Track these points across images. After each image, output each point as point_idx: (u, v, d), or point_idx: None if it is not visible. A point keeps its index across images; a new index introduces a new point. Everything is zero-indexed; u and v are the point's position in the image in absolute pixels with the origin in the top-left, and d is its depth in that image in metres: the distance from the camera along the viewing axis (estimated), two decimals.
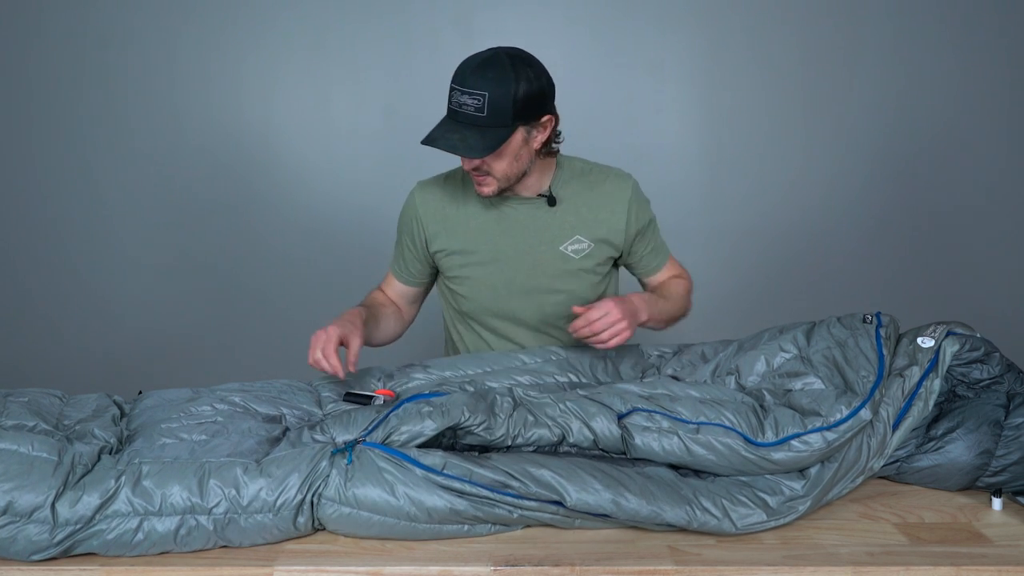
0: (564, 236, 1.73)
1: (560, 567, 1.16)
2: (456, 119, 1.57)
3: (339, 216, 3.04)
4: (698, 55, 2.99)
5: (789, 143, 3.03)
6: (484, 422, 1.31)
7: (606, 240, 1.75)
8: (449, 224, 1.75)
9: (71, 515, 1.15)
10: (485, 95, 1.53)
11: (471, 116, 1.55)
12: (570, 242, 1.73)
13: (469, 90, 1.54)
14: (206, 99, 2.99)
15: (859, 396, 1.31)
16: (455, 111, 1.57)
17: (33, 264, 3.07)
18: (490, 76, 1.54)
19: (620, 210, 1.74)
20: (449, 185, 1.78)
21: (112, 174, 3.02)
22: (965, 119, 3.01)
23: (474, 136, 1.55)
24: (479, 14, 2.92)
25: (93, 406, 1.44)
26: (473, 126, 1.56)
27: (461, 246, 1.74)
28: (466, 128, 1.56)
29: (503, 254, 1.73)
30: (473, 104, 1.54)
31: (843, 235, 3.08)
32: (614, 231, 1.75)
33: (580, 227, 1.74)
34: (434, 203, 1.76)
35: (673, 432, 1.30)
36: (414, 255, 1.80)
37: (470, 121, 1.55)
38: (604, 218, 1.74)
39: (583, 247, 1.74)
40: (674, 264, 1.89)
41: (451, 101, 1.57)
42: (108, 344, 3.09)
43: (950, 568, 1.17)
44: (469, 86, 1.54)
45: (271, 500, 1.19)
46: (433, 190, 1.79)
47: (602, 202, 1.75)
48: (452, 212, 1.75)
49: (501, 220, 1.73)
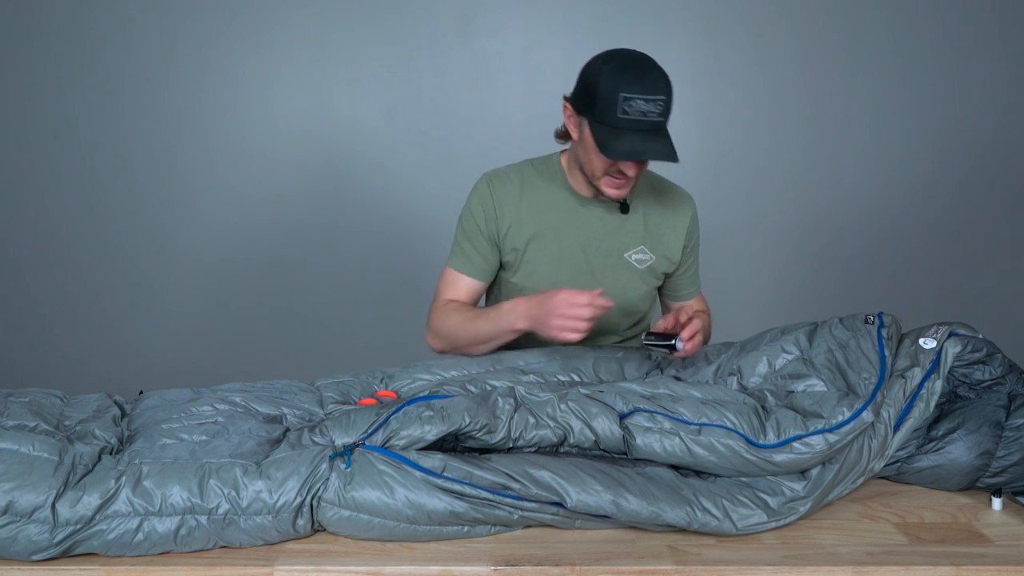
0: (631, 244, 1.74)
1: (560, 567, 1.16)
2: (638, 128, 1.52)
3: (339, 216, 3.04)
4: (698, 55, 2.99)
5: (789, 143, 3.03)
6: (485, 426, 1.31)
7: (666, 255, 1.77)
8: (522, 215, 1.72)
9: (71, 515, 1.15)
10: (664, 99, 1.52)
11: (655, 122, 1.52)
12: (635, 251, 1.74)
13: (652, 96, 1.50)
14: (206, 99, 2.99)
15: (861, 398, 1.31)
16: (635, 120, 1.51)
17: (33, 264, 3.07)
18: (660, 79, 1.53)
19: (682, 227, 1.77)
20: (520, 177, 1.75)
21: (112, 174, 3.02)
22: (965, 118, 3.01)
23: (667, 140, 1.54)
24: (479, 14, 2.92)
25: (94, 406, 1.44)
26: (659, 131, 1.54)
27: (530, 238, 1.71)
28: (656, 135, 1.53)
29: (569, 253, 1.72)
30: (658, 110, 1.51)
31: (845, 235, 3.08)
32: (674, 248, 1.77)
33: (646, 238, 1.75)
34: (507, 193, 1.73)
35: (675, 433, 1.30)
36: (486, 244, 1.73)
37: (655, 127, 1.53)
38: (667, 233, 1.76)
39: (646, 258, 1.75)
40: (702, 299, 1.92)
41: (624, 111, 1.50)
42: (108, 344, 3.09)
43: (950, 568, 1.17)
44: (650, 93, 1.50)
45: (271, 502, 1.19)
46: (505, 181, 1.74)
47: (668, 217, 1.76)
48: (525, 203, 1.72)
49: (574, 220, 1.72)
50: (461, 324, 1.67)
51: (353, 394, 1.54)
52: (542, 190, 1.73)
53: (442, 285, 1.77)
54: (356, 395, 1.54)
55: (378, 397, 1.52)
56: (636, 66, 1.54)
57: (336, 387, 1.56)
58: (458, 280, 1.76)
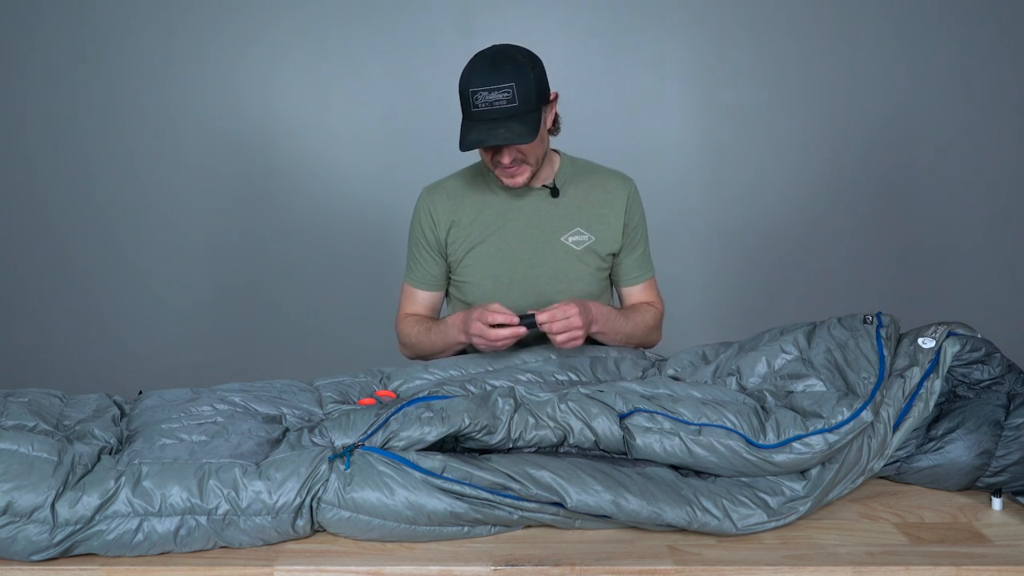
0: (565, 227, 1.78)
1: (560, 567, 1.16)
2: (488, 117, 1.59)
3: (339, 216, 3.04)
4: (698, 54, 2.99)
5: (789, 142, 3.03)
6: (485, 427, 1.31)
7: (605, 235, 1.79)
8: (459, 218, 1.79)
9: (71, 515, 1.15)
10: (512, 86, 1.58)
11: (504, 110, 1.59)
12: (571, 233, 1.78)
13: (496, 86, 1.58)
14: (205, 99, 2.99)
15: (860, 398, 1.31)
16: (485, 111, 1.59)
17: (33, 264, 3.07)
18: (508, 69, 1.59)
19: (620, 205, 1.80)
20: (455, 183, 1.83)
21: (112, 175, 3.02)
22: (965, 118, 3.01)
23: (517, 125, 1.59)
24: (479, 14, 2.92)
25: (93, 406, 1.44)
26: (510, 118, 1.59)
27: (468, 235, 1.78)
28: (505, 121, 1.59)
29: (507, 243, 1.77)
30: (504, 98, 1.58)
31: (844, 234, 3.08)
32: (614, 225, 1.80)
33: (581, 220, 1.78)
34: (443, 201, 1.81)
35: (675, 433, 1.30)
36: (432, 256, 1.82)
37: (504, 115, 1.59)
38: (604, 214, 1.79)
39: (583, 239, 1.78)
40: (652, 289, 1.89)
41: (474, 104, 1.59)
42: (108, 344, 3.09)
43: (950, 568, 1.17)
44: (494, 83, 1.58)
45: (270, 503, 1.19)
46: (440, 190, 1.83)
47: (603, 198, 1.80)
48: (461, 207, 1.79)
49: (507, 210, 1.78)
50: (419, 337, 1.78)
51: (352, 394, 1.55)
52: (476, 192, 1.80)
53: (402, 300, 1.88)
54: (355, 395, 1.55)
55: (377, 397, 1.52)
56: (484, 61, 1.61)
57: (335, 387, 1.56)
58: (414, 294, 1.86)
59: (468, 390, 1.50)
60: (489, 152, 1.68)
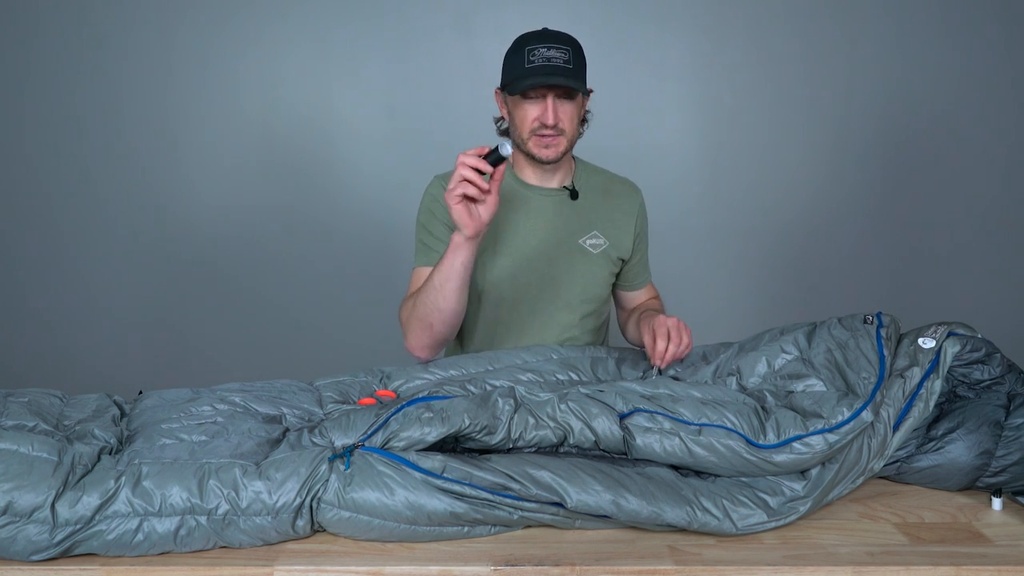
0: (583, 230, 1.78)
1: (560, 567, 1.16)
2: (544, 72, 1.61)
3: (340, 216, 3.04)
4: (698, 55, 2.99)
5: (789, 142, 3.03)
6: (485, 427, 1.31)
7: (619, 242, 1.81)
8: None
9: (71, 515, 1.14)
10: (569, 49, 1.64)
11: (560, 67, 1.61)
12: (589, 236, 1.79)
13: (554, 45, 1.62)
14: (205, 99, 3.00)
15: (860, 398, 1.31)
16: (541, 65, 1.61)
17: (33, 264, 3.07)
18: (565, 36, 1.67)
19: (632, 212, 1.83)
20: None
21: (112, 174, 3.02)
22: (966, 118, 3.01)
23: (572, 80, 1.62)
24: (479, 14, 2.92)
25: (93, 406, 1.44)
26: (567, 75, 1.61)
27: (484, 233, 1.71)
28: (564, 77, 1.61)
29: (525, 242, 1.76)
30: (562, 56, 1.62)
31: (844, 234, 3.08)
32: (625, 234, 1.82)
33: (598, 224, 1.79)
34: None
35: (675, 433, 1.30)
36: (447, 232, 1.73)
37: (561, 71, 1.61)
38: (618, 220, 1.81)
39: (600, 243, 1.79)
40: (652, 287, 1.95)
41: (530, 60, 1.62)
42: (108, 344, 3.09)
43: (950, 568, 1.17)
44: (552, 42, 1.62)
45: (270, 503, 1.19)
46: None
47: (616, 204, 1.82)
48: None
49: (525, 210, 1.77)
50: (418, 295, 1.65)
51: (352, 394, 1.54)
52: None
53: (410, 287, 1.77)
54: (355, 395, 1.54)
55: (377, 397, 1.52)
56: (539, 30, 1.69)
57: (335, 387, 1.56)
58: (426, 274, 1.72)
59: (468, 390, 1.50)
60: (538, 108, 1.65)
